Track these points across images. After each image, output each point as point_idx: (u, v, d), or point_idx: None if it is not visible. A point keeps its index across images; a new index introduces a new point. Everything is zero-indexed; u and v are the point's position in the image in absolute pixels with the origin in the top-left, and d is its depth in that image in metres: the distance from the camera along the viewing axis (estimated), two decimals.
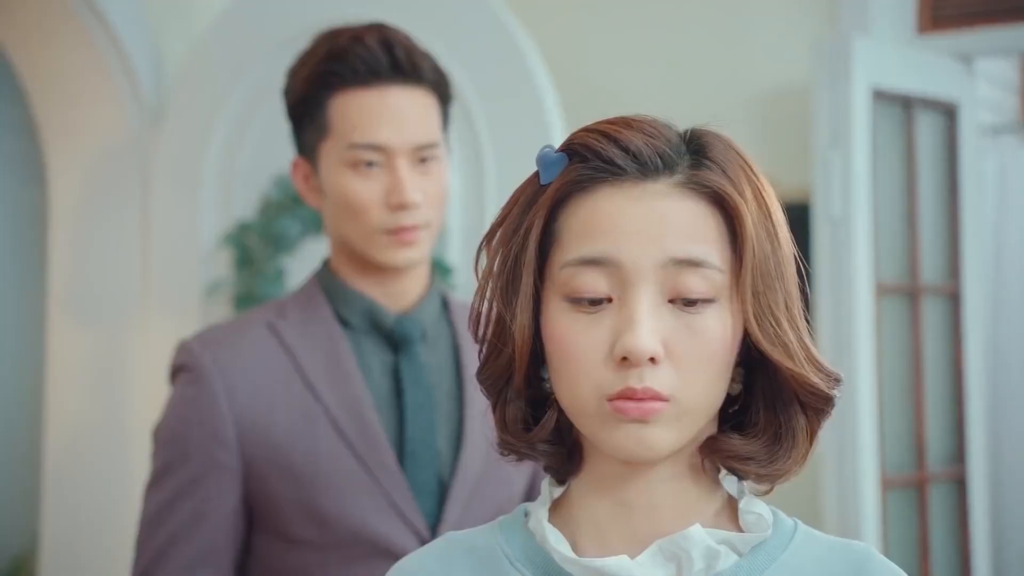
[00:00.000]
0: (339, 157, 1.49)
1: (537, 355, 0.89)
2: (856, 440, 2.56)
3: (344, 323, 1.53)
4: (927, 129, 2.88)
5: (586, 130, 0.88)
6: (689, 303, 0.84)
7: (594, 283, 0.85)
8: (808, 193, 2.71)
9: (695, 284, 0.84)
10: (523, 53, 2.56)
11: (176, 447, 1.47)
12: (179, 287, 2.68)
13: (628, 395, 0.83)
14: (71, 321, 2.83)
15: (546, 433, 0.89)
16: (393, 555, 1.43)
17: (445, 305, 1.60)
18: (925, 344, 2.85)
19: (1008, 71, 4.14)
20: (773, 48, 2.92)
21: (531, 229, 0.87)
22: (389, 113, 1.48)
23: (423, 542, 1.45)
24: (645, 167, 0.85)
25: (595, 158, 0.86)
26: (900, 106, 2.81)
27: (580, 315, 0.85)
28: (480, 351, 0.92)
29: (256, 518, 1.48)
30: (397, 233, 1.48)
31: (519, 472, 1.56)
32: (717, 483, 0.91)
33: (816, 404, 0.88)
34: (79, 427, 2.83)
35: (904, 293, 2.83)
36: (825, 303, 2.62)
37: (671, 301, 0.84)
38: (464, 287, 2.48)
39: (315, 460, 1.45)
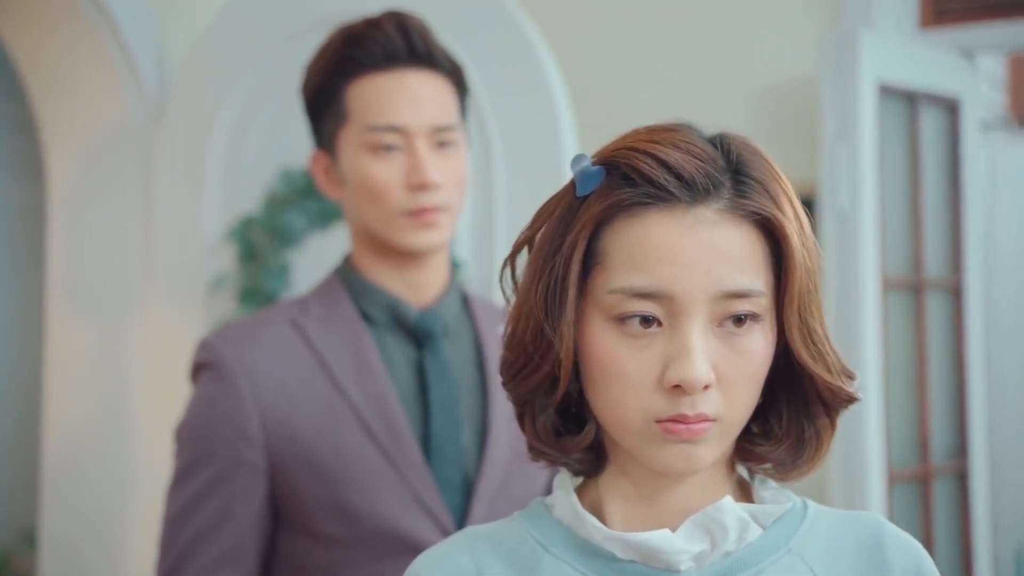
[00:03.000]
0: (358, 141, 1.49)
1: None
2: (863, 435, 2.57)
3: (366, 318, 1.52)
4: (931, 124, 2.89)
5: (632, 148, 0.87)
6: (737, 322, 0.86)
7: (643, 311, 0.85)
8: (814, 187, 2.71)
9: (742, 308, 0.85)
10: (533, 47, 2.55)
11: (201, 445, 1.46)
12: (182, 282, 2.66)
13: (680, 419, 0.85)
14: (71, 317, 2.80)
15: (584, 445, 0.90)
16: (420, 551, 1.42)
17: (465, 300, 1.59)
18: (929, 338, 2.87)
19: (997, 68, 4.17)
20: (777, 42, 2.92)
21: (575, 249, 0.86)
22: (407, 95, 1.48)
23: None
24: (695, 192, 0.85)
25: (645, 182, 0.85)
26: (905, 100, 2.82)
27: (628, 338, 0.85)
28: (512, 362, 0.91)
29: (282, 515, 1.47)
30: (418, 215, 1.47)
31: (542, 468, 1.55)
32: (732, 466, 0.95)
33: (840, 405, 0.91)
34: (78, 423, 2.80)
35: (908, 287, 2.84)
36: (832, 298, 2.63)
37: (718, 324, 0.86)
38: (473, 282, 2.47)
39: (342, 457, 1.44)
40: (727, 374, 0.85)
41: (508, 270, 0.93)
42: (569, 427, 0.91)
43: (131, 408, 2.74)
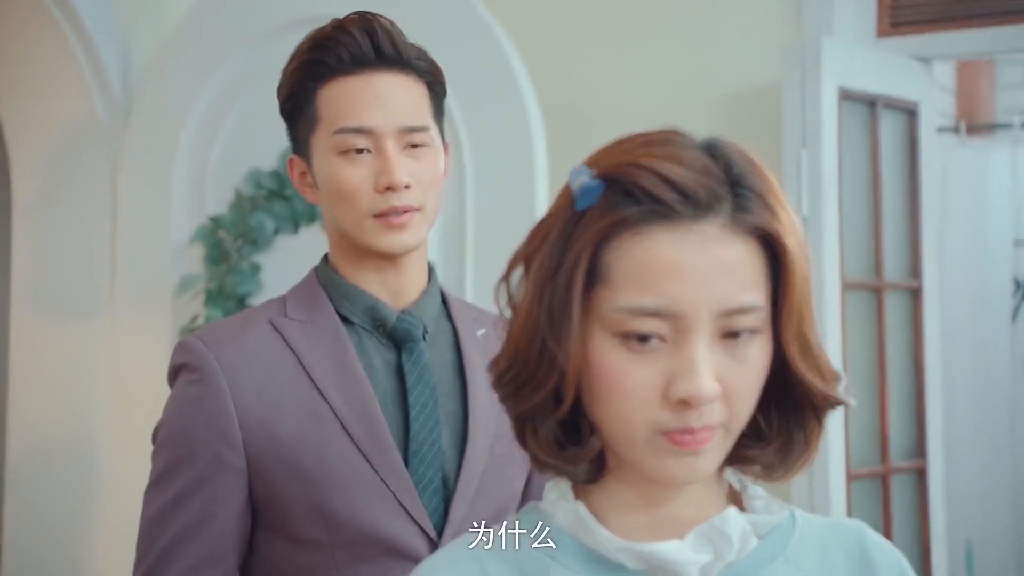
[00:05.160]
0: (328, 145, 1.49)
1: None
2: (824, 435, 2.60)
3: (345, 320, 1.52)
4: (889, 129, 2.94)
5: (632, 163, 0.86)
6: (736, 335, 0.86)
7: (650, 328, 0.85)
8: None
9: (744, 323, 0.86)
10: (504, 53, 2.57)
11: (181, 447, 1.45)
12: (149, 284, 2.64)
13: (686, 431, 0.86)
14: (36, 319, 2.77)
15: (590, 457, 0.91)
16: (400, 554, 1.44)
17: (444, 301, 1.60)
18: (888, 340, 2.92)
19: (946, 75, 4.25)
20: (741, 50, 2.96)
21: (578, 266, 0.86)
22: (375, 97, 1.48)
23: (429, 540, 1.45)
24: (698, 208, 0.85)
25: (648, 199, 0.85)
26: (865, 106, 2.87)
27: (632, 353, 0.86)
28: (512, 378, 0.91)
29: (261, 518, 1.47)
30: (387, 216, 1.47)
31: (519, 470, 1.57)
32: (722, 473, 0.96)
33: (829, 409, 0.93)
34: (43, 426, 2.77)
35: (868, 290, 2.89)
36: None
37: (721, 337, 0.87)
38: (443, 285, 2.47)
39: (323, 460, 1.44)
40: (730, 385, 0.86)
41: (503, 287, 0.92)
42: (570, 438, 0.92)
43: (97, 411, 2.71)
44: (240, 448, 1.43)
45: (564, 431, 0.91)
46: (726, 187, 0.86)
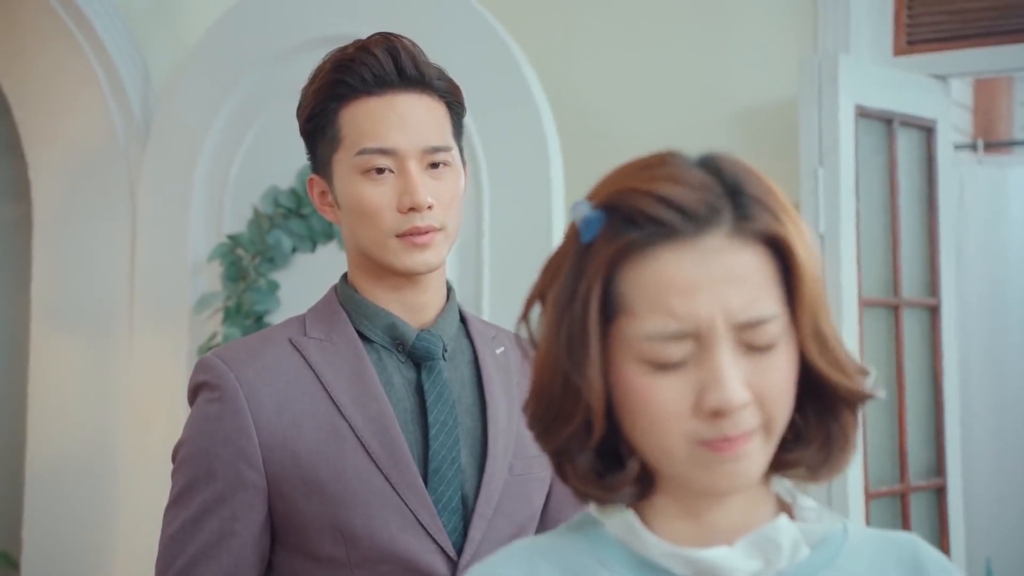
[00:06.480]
0: (351, 165, 1.49)
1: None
2: None
3: (365, 339, 1.52)
4: (907, 146, 2.94)
5: (629, 188, 0.87)
6: (759, 348, 0.87)
7: (676, 351, 0.86)
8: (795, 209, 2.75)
9: (764, 336, 0.87)
10: (519, 67, 2.58)
11: (201, 465, 1.46)
12: (168, 301, 2.65)
13: (724, 440, 0.86)
14: (55, 336, 2.79)
15: (631, 480, 0.92)
16: (419, 573, 1.44)
17: (462, 319, 1.60)
18: (906, 358, 2.91)
19: (963, 93, 4.25)
20: (757, 66, 2.96)
21: (590, 295, 0.87)
22: (398, 118, 1.49)
23: (449, 560, 1.45)
24: (698, 222, 0.85)
25: (648, 221, 0.86)
26: (882, 123, 2.87)
27: (658, 374, 0.86)
28: (542, 415, 0.92)
29: (280, 536, 1.47)
30: (410, 236, 1.48)
31: (538, 489, 1.57)
32: (768, 483, 0.96)
33: (860, 403, 0.93)
34: (62, 443, 2.78)
35: (886, 308, 2.88)
36: None
37: (743, 345, 0.87)
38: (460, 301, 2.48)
39: (342, 478, 1.44)
40: (760, 388, 0.87)
41: (524, 326, 0.93)
42: (609, 464, 0.92)
43: (114, 428, 2.73)
44: (260, 466, 1.44)
45: (602, 459, 0.92)
46: (724, 198, 0.86)
